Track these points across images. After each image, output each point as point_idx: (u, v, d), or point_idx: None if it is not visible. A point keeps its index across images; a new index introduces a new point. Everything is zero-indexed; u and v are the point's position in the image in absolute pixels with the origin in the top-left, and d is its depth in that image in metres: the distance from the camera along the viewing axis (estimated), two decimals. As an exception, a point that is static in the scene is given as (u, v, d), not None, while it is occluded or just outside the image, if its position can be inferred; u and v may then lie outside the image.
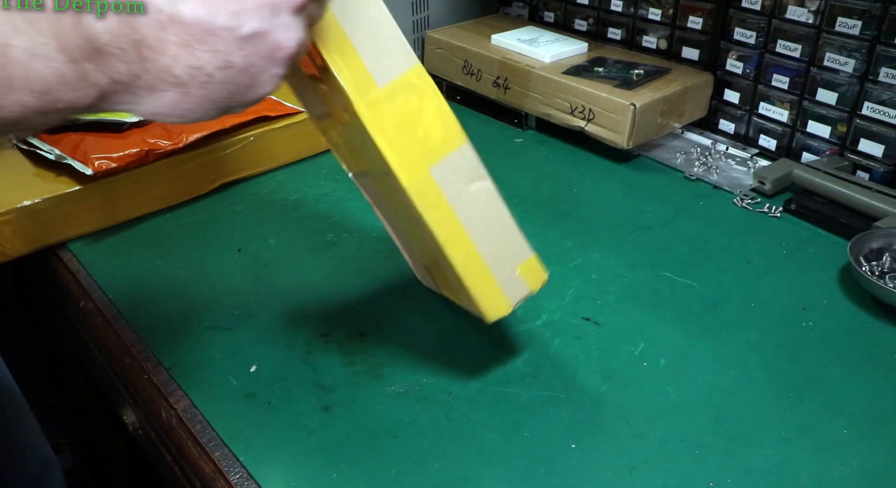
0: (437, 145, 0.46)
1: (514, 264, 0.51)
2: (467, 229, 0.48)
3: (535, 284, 0.52)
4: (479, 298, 0.50)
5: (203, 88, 0.32)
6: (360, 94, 0.43)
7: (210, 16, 0.30)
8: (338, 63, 0.42)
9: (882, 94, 0.76)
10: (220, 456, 0.49)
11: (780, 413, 0.52)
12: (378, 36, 0.43)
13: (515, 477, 0.47)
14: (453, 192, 0.47)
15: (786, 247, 0.71)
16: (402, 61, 0.45)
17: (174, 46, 0.30)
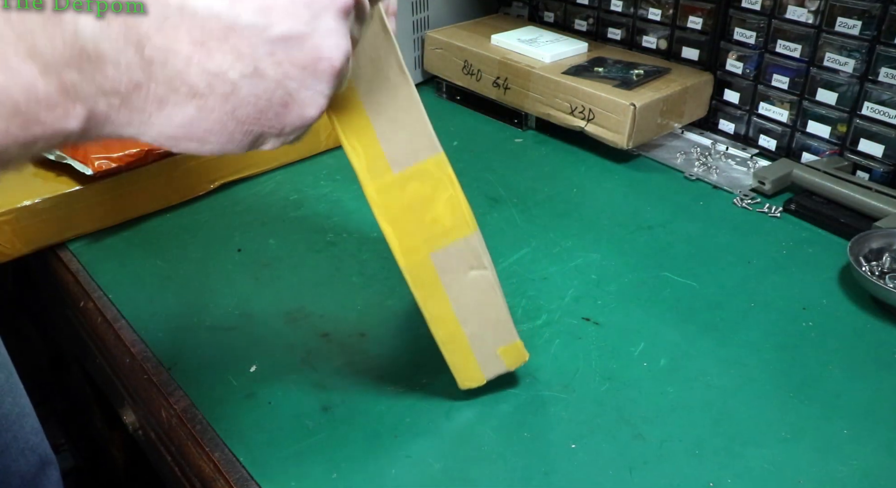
0: (443, 232, 0.46)
1: (495, 345, 0.51)
2: (456, 311, 0.49)
3: (513, 364, 0.53)
4: (455, 368, 0.51)
5: (226, 102, 0.26)
6: (371, 178, 0.43)
7: (231, 9, 0.25)
8: (354, 146, 0.42)
9: (882, 94, 0.76)
10: (220, 457, 0.49)
11: (780, 413, 0.52)
12: (402, 124, 0.43)
13: (515, 477, 0.47)
14: (449, 278, 0.47)
15: (786, 247, 0.71)
16: (423, 150, 0.44)
17: (186, 45, 0.25)
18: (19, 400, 0.66)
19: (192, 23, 0.24)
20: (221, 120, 0.27)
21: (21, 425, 0.66)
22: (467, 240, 0.47)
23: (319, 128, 0.89)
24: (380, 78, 0.41)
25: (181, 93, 0.25)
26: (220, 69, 0.25)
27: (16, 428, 0.65)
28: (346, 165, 0.43)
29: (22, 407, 0.66)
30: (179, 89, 0.25)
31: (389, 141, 0.42)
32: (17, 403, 0.66)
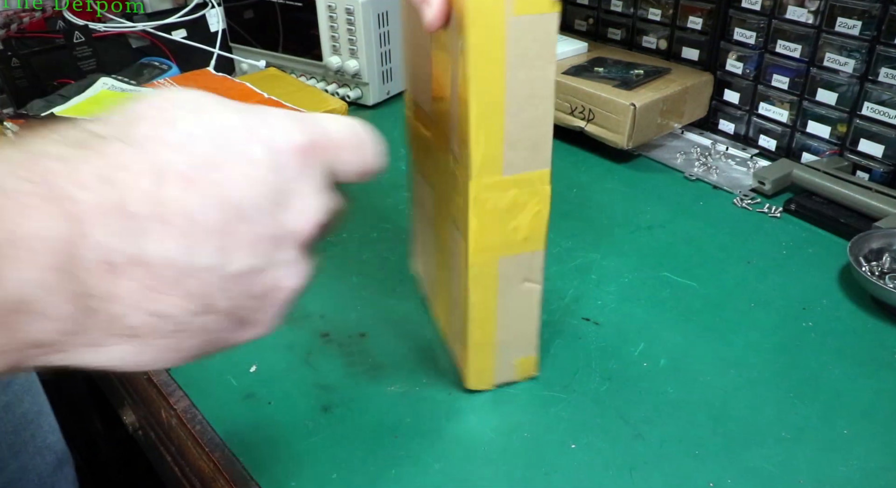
0: (518, 242, 0.47)
1: (515, 356, 0.53)
2: (499, 317, 0.50)
3: (523, 375, 0.55)
4: (472, 369, 0.52)
5: (168, 338, 0.25)
6: (480, 174, 0.43)
7: (188, 254, 0.23)
8: (479, 138, 0.42)
9: (882, 94, 0.76)
10: (220, 457, 0.49)
11: (780, 413, 0.52)
12: (531, 134, 0.43)
13: (515, 477, 0.47)
14: (506, 285, 0.49)
15: (786, 247, 0.71)
16: (537, 163, 0.44)
17: (134, 293, 0.23)
18: (38, 399, 0.66)
19: (143, 272, 0.23)
20: (161, 350, 0.25)
21: (39, 424, 0.66)
22: (534, 255, 0.48)
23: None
24: (527, 90, 0.41)
25: (117, 335, 0.24)
26: (165, 312, 0.24)
27: (33, 427, 0.65)
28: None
29: (41, 405, 0.67)
30: (116, 333, 0.24)
31: (514, 146, 0.42)
32: (36, 402, 0.66)
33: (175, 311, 0.24)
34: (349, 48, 1.00)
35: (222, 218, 0.24)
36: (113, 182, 0.22)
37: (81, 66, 0.99)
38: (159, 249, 0.23)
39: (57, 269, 0.21)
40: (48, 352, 0.23)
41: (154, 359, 0.25)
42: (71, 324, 0.22)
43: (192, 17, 1.14)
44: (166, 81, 0.94)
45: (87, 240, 0.22)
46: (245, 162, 0.25)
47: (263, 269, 0.26)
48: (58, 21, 1.08)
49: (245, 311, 0.27)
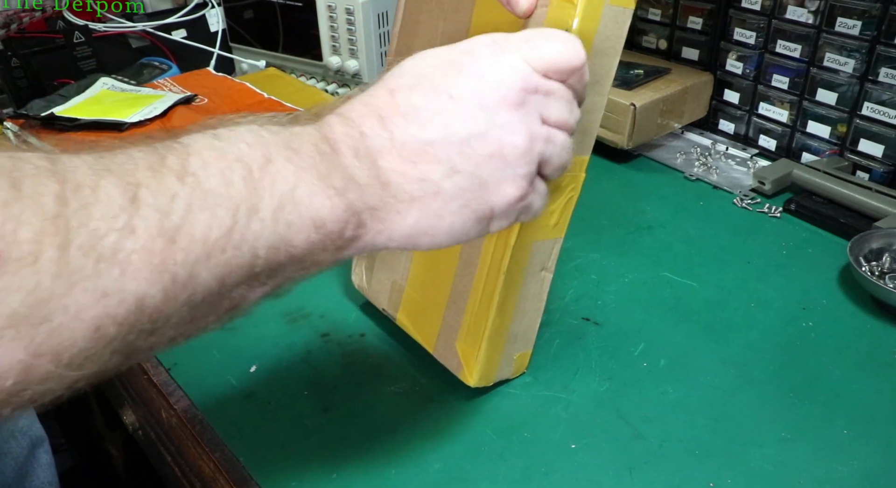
0: (549, 228, 0.48)
1: (518, 349, 0.53)
2: (517, 305, 0.50)
3: (516, 373, 0.55)
4: (480, 363, 0.51)
5: (436, 198, 0.33)
6: None
7: (422, 130, 0.32)
8: None
9: (882, 94, 0.76)
10: (220, 457, 0.49)
11: (780, 413, 0.52)
12: (587, 117, 0.44)
13: (515, 477, 0.47)
14: (530, 270, 0.49)
15: (786, 247, 0.71)
16: (584, 146, 0.45)
17: (400, 164, 0.32)
18: None
19: (400, 149, 0.32)
20: (438, 214, 0.33)
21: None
22: (556, 243, 0.49)
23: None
24: (596, 77, 0.42)
25: (404, 200, 0.33)
26: (424, 175, 0.33)
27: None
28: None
29: None
30: (403, 198, 0.33)
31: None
32: None
33: (430, 174, 0.33)
34: (349, 48, 1.00)
35: (439, 103, 0.33)
36: (368, 102, 0.34)
37: (81, 66, 0.99)
38: (402, 133, 0.33)
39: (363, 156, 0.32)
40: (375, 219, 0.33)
41: (432, 223, 0.34)
42: (379, 190, 0.32)
43: (192, 17, 1.14)
44: (166, 81, 0.94)
45: (366, 136, 0.32)
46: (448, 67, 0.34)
47: (485, 132, 0.33)
48: (58, 21, 1.08)
49: (484, 171, 0.34)
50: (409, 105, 0.33)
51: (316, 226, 0.30)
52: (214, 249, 0.28)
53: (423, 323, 0.56)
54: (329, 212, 0.31)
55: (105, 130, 0.77)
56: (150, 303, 0.26)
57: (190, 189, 0.27)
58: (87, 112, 0.80)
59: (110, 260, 0.25)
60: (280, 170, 0.30)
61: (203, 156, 0.28)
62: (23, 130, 0.79)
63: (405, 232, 0.34)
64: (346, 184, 0.31)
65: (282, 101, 0.89)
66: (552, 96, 0.36)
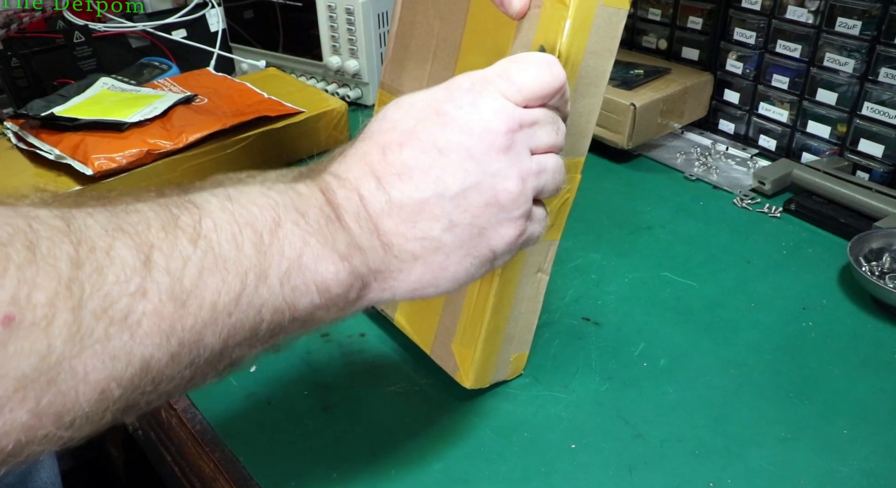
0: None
1: (515, 351, 0.53)
2: (513, 308, 0.50)
3: (513, 374, 0.55)
4: (476, 365, 0.51)
5: (437, 253, 0.34)
6: None
7: (417, 189, 0.33)
8: None
9: (882, 94, 0.76)
10: (220, 457, 0.49)
11: (780, 413, 0.52)
12: (580, 122, 0.44)
13: (515, 477, 0.47)
14: (526, 272, 0.49)
15: (786, 247, 0.71)
16: (576, 149, 0.45)
17: (399, 226, 0.33)
18: None
19: (399, 210, 0.33)
20: (441, 266, 0.35)
21: None
22: (552, 245, 0.49)
23: (320, 128, 0.89)
24: (591, 78, 0.42)
25: (407, 260, 0.34)
26: (424, 233, 0.34)
27: None
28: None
29: None
30: (406, 258, 0.34)
31: (569, 131, 0.43)
32: None
33: (430, 232, 0.34)
34: (349, 48, 1.00)
35: (429, 159, 0.34)
36: (363, 162, 0.34)
37: (81, 66, 0.99)
38: (399, 194, 0.33)
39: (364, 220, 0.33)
40: (380, 280, 0.34)
41: (436, 276, 0.35)
42: (381, 253, 0.33)
43: (192, 17, 1.14)
44: (166, 81, 0.94)
45: (365, 200, 0.33)
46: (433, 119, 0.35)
47: (478, 183, 0.34)
48: (58, 21, 1.08)
49: (482, 220, 0.35)
50: (401, 164, 0.34)
51: (320, 290, 0.31)
52: (222, 314, 0.28)
53: (421, 324, 0.56)
54: (334, 277, 0.32)
55: (105, 130, 0.77)
56: (155, 366, 0.26)
57: (202, 253, 0.28)
58: (87, 112, 0.80)
59: (121, 323, 0.25)
60: (288, 235, 0.30)
61: (215, 219, 0.29)
62: (23, 130, 0.79)
63: (410, 287, 0.35)
64: (350, 250, 0.32)
65: (282, 100, 0.90)
66: (537, 125, 0.36)
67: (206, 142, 0.79)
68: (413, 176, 0.33)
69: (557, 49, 0.41)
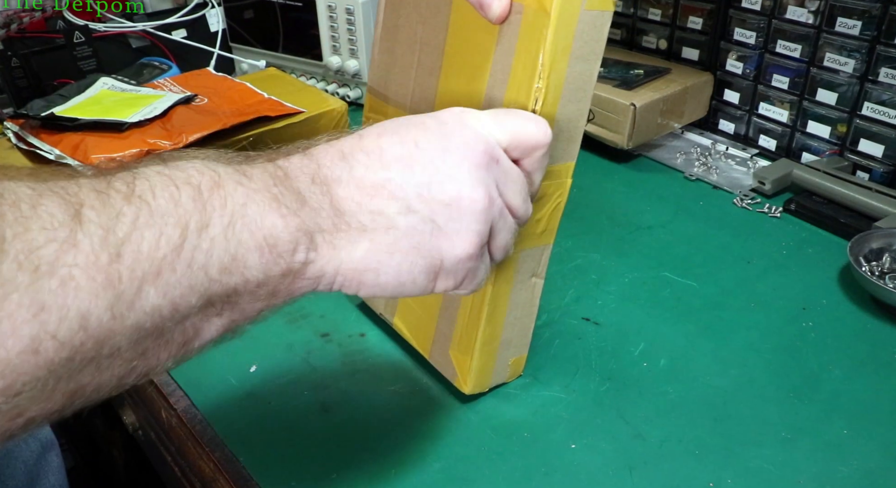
0: (537, 235, 0.48)
1: (512, 355, 0.53)
2: (508, 312, 0.50)
3: (511, 377, 0.55)
4: (473, 371, 0.51)
5: (387, 234, 0.33)
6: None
7: (383, 168, 0.33)
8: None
9: (882, 94, 0.76)
10: (220, 457, 0.49)
11: (780, 413, 0.52)
12: (570, 126, 0.44)
13: (515, 477, 0.47)
14: (520, 278, 0.49)
15: (786, 247, 0.71)
16: (567, 154, 0.45)
17: (356, 194, 0.33)
18: None
19: (358, 182, 0.33)
20: (388, 250, 0.33)
21: None
22: (545, 249, 0.49)
23: (320, 128, 0.89)
24: (578, 83, 0.42)
25: (357, 229, 0.33)
26: (379, 208, 0.33)
27: None
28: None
29: None
30: (355, 226, 0.33)
31: (556, 137, 0.43)
32: None
33: (385, 209, 0.33)
34: (349, 48, 1.00)
35: (403, 148, 0.34)
36: (332, 143, 0.34)
37: (81, 66, 0.99)
38: (362, 169, 0.33)
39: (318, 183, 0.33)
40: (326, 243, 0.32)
41: (382, 260, 0.33)
42: (332, 215, 0.32)
43: (192, 17, 1.14)
44: (166, 81, 0.94)
45: (322, 167, 0.33)
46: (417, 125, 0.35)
47: (445, 180, 0.34)
48: (58, 21, 1.08)
49: (439, 217, 0.34)
50: (374, 145, 0.34)
51: (269, 243, 0.30)
52: (163, 267, 0.27)
53: (419, 329, 0.56)
54: (282, 229, 0.30)
55: (105, 130, 0.77)
56: (94, 323, 0.25)
57: (136, 209, 0.27)
58: (87, 112, 0.80)
59: (49, 272, 0.24)
60: (230, 192, 0.29)
61: (151, 181, 0.28)
62: (23, 130, 0.79)
63: (354, 264, 0.33)
64: (299, 205, 0.31)
65: (282, 100, 0.89)
66: (510, 177, 0.36)
67: (206, 143, 0.79)
68: (383, 157, 0.33)
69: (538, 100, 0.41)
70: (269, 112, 0.85)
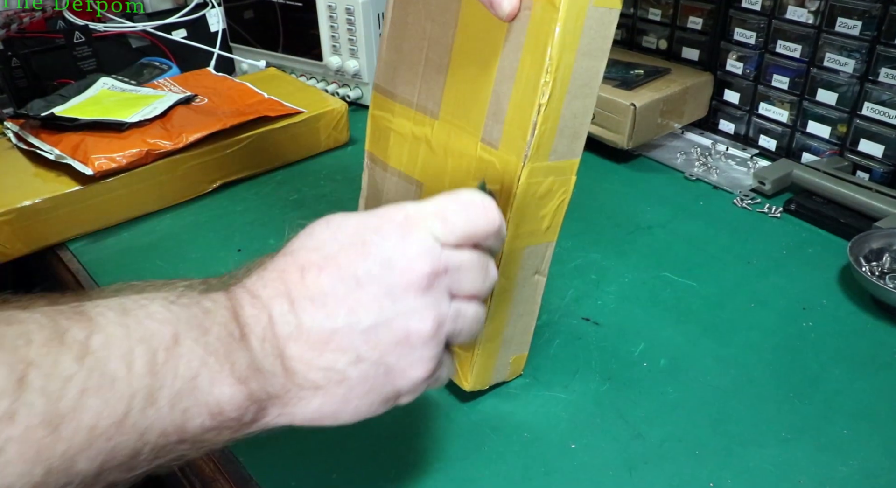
0: (542, 232, 0.48)
1: (514, 353, 0.53)
2: (510, 309, 0.50)
3: (512, 375, 0.55)
4: (474, 368, 0.51)
5: (340, 387, 0.33)
6: (532, 159, 0.43)
7: (328, 318, 0.33)
8: (542, 124, 0.42)
9: (882, 94, 0.76)
10: (220, 457, 0.49)
11: (780, 413, 0.52)
12: (576, 123, 0.44)
13: (515, 477, 0.47)
14: (522, 275, 0.49)
15: (786, 247, 0.71)
16: (575, 149, 0.45)
17: (306, 352, 0.32)
18: None
19: (307, 336, 0.32)
20: (343, 399, 0.34)
21: None
22: (549, 246, 0.49)
23: (320, 128, 0.89)
24: (585, 79, 0.42)
25: (308, 389, 0.33)
26: (329, 364, 0.33)
27: None
28: (346, 166, 0.43)
29: None
30: (306, 386, 0.33)
31: (562, 133, 0.43)
32: None
33: (335, 363, 0.33)
34: (349, 48, 1.00)
35: (345, 288, 0.33)
36: (279, 280, 0.33)
37: (81, 66, 0.99)
38: (309, 320, 0.32)
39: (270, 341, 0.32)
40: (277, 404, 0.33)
41: (337, 409, 0.34)
42: (283, 379, 0.32)
43: (192, 17, 1.14)
44: (166, 81, 0.94)
45: (274, 322, 0.32)
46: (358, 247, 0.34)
47: (390, 320, 0.33)
48: (58, 21, 1.08)
49: (390, 358, 0.34)
50: (317, 289, 0.33)
51: (212, 413, 0.30)
52: (100, 438, 0.27)
53: None
54: (229, 400, 0.30)
55: (105, 130, 0.77)
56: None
57: (87, 372, 0.26)
58: (87, 112, 0.80)
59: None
60: (185, 353, 0.29)
61: (108, 333, 0.28)
62: (23, 130, 0.79)
63: (308, 416, 0.34)
64: (250, 372, 0.31)
65: (282, 100, 0.89)
66: (462, 270, 0.35)
67: (206, 142, 0.79)
68: (327, 303, 0.33)
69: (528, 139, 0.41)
70: (269, 112, 0.85)
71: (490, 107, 0.45)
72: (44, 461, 0.25)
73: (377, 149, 0.56)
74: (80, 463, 0.26)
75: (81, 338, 0.27)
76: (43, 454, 0.25)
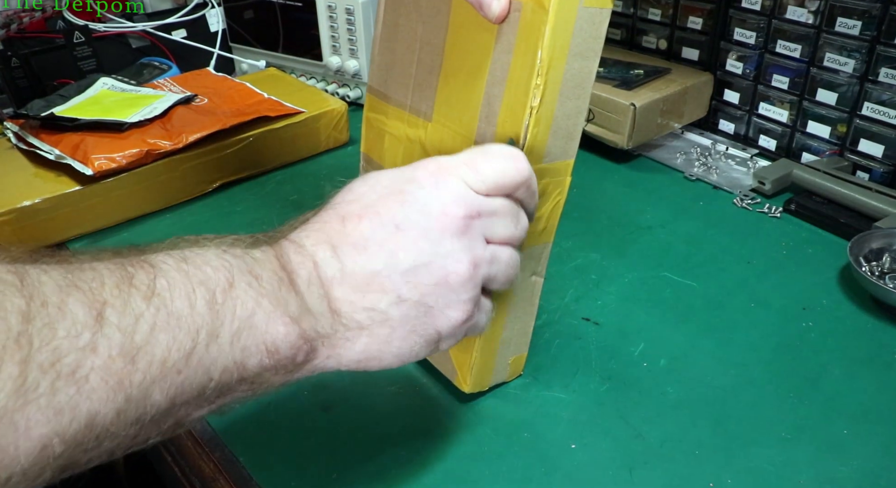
0: (538, 233, 0.47)
1: (512, 354, 0.53)
2: (508, 312, 0.50)
3: (511, 376, 0.55)
4: (473, 370, 0.51)
5: (383, 327, 0.35)
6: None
7: (369, 261, 0.34)
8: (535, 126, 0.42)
9: (882, 94, 0.76)
10: (220, 457, 0.49)
11: (780, 413, 0.52)
12: (570, 124, 0.44)
13: (515, 477, 0.47)
14: (520, 276, 0.48)
15: (786, 247, 0.71)
16: (569, 151, 0.45)
17: (350, 294, 0.34)
18: None
19: (350, 279, 0.34)
20: (386, 340, 0.35)
21: None
22: (545, 247, 0.49)
23: (320, 128, 0.89)
24: (577, 80, 0.42)
25: (353, 329, 0.35)
26: (372, 304, 0.34)
27: None
28: (346, 166, 0.43)
29: None
30: (352, 326, 0.34)
31: (555, 134, 0.43)
32: None
33: (378, 304, 0.34)
34: (349, 48, 1.00)
35: (385, 233, 0.35)
36: (321, 230, 0.36)
37: (81, 66, 0.99)
38: (352, 264, 0.34)
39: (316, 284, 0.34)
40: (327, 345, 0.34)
41: (381, 349, 0.35)
42: (330, 320, 0.34)
43: (192, 17, 1.14)
44: (166, 81, 0.94)
45: (319, 266, 0.34)
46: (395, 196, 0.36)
47: (429, 262, 0.35)
48: (58, 21, 1.08)
49: (430, 298, 0.35)
50: (358, 235, 0.35)
51: (270, 351, 0.32)
52: (171, 371, 0.29)
53: None
54: (283, 339, 0.32)
55: (105, 130, 0.77)
56: (100, 422, 0.26)
57: (155, 310, 0.28)
58: (87, 112, 0.80)
59: (68, 378, 0.25)
60: (240, 295, 0.31)
61: (169, 278, 0.30)
62: (23, 130, 0.79)
63: (354, 357, 0.35)
64: (300, 312, 0.33)
65: (282, 100, 0.89)
66: (496, 216, 0.37)
67: (206, 142, 0.79)
68: (368, 247, 0.35)
69: (521, 142, 0.41)
70: (268, 112, 0.85)
71: (482, 109, 0.45)
72: (124, 389, 0.27)
73: (372, 150, 0.56)
74: (155, 394, 0.28)
75: (147, 282, 0.29)
76: (123, 382, 0.27)
